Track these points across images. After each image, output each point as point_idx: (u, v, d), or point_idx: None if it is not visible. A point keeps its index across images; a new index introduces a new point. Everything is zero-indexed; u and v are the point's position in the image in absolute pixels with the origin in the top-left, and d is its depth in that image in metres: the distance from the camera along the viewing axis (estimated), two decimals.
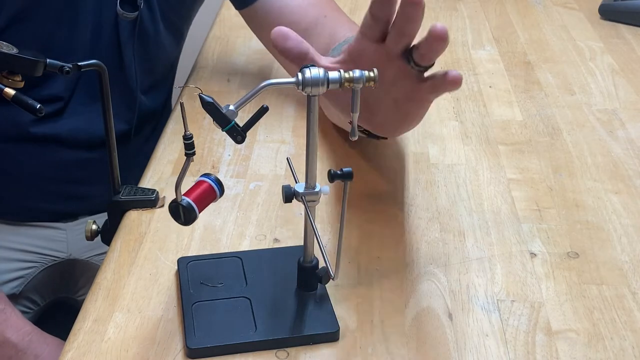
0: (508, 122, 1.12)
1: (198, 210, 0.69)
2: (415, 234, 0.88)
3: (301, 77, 0.66)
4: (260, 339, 0.71)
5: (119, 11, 1.06)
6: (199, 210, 0.69)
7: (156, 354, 0.71)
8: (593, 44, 1.38)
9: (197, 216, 0.69)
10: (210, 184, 0.70)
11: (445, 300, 0.78)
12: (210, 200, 0.71)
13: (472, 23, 1.47)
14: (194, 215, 0.69)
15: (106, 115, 0.85)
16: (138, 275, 0.81)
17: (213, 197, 0.71)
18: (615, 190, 0.97)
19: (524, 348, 0.73)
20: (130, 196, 0.91)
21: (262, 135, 1.06)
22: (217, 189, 0.71)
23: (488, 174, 0.99)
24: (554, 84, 1.23)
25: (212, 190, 0.70)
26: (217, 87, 1.20)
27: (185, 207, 0.69)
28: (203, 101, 0.65)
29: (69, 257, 1.20)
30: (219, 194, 0.71)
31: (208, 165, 1.00)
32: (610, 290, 0.80)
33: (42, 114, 0.77)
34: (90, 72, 0.82)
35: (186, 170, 0.68)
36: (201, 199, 0.70)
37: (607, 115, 1.14)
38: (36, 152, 1.12)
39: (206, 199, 0.70)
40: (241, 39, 1.32)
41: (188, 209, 0.69)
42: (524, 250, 0.86)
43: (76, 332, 0.74)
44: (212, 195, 0.71)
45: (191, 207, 0.69)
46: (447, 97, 1.18)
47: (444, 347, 0.73)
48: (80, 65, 0.80)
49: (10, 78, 0.78)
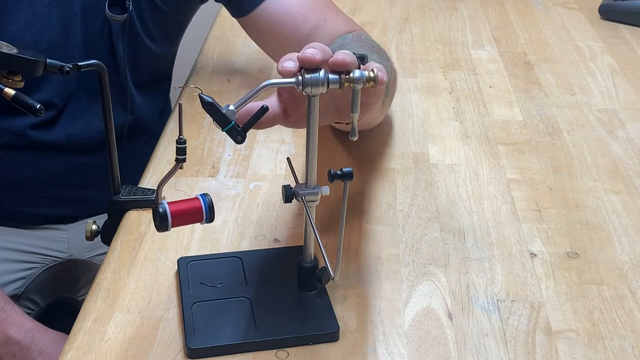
0: (508, 122, 1.12)
1: (172, 223, 0.68)
2: (415, 234, 0.88)
3: (301, 78, 0.66)
4: (260, 339, 0.71)
5: (108, 14, 1.06)
6: (174, 224, 0.68)
7: (156, 354, 0.71)
8: (593, 44, 1.38)
9: (168, 227, 0.68)
10: (200, 205, 0.69)
11: (445, 300, 0.78)
12: (193, 220, 0.69)
13: (472, 23, 1.47)
14: (165, 225, 0.68)
15: (106, 116, 0.85)
16: (138, 275, 0.81)
17: (197, 218, 0.69)
18: (615, 190, 0.97)
19: (524, 348, 0.73)
20: (130, 196, 0.91)
21: (262, 135, 1.06)
22: (205, 212, 0.69)
23: (488, 174, 0.99)
24: (554, 84, 1.23)
25: (199, 211, 0.69)
26: (217, 87, 1.20)
27: (160, 214, 0.68)
28: (203, 101, 0.65)
29: (70, 258, 1.20)
30: (205, 219, 0.69)
31: (208, 165, 1.00)
32: (610, 290, 0.80)
33: (42, 114, 0.77)
34: (85, 77, 0.81)
35: (172, 174, 0.67)
36: (182, 214, 0.69)
37: (607, 115, 1.14)
38: (34, 158, 1.12)
39: (188, 216, 0.69)
40: (241, 39, 1.32)
41: (162, 217, 0.68)
42: (524, 250, 0.86)
43: (76, 332, 0.74)
44: (197, 216, 0.69)
45: (165, 216, 0.68)
46: (447, 97, 1.18)
47: (444, 347, 0.73)
48: (80, 65, 0.80)
49: (10, 78, 0.78)
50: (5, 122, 1.09)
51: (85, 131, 1.12)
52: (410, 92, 1.20)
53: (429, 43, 1.38)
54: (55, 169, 1.14)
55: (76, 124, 1.12)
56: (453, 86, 1.22)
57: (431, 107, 1.16)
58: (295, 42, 1.05)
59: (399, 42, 1.38)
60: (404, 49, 1.35)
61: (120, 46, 1.10)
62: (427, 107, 1.15)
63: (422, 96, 1.19)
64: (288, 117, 0.75)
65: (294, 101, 0.74)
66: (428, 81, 1.24)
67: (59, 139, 1.12)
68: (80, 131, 1.12)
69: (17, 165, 1.13)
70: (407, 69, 1.28)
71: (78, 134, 1.12)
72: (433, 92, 1.20)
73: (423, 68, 1.28)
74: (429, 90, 1.21)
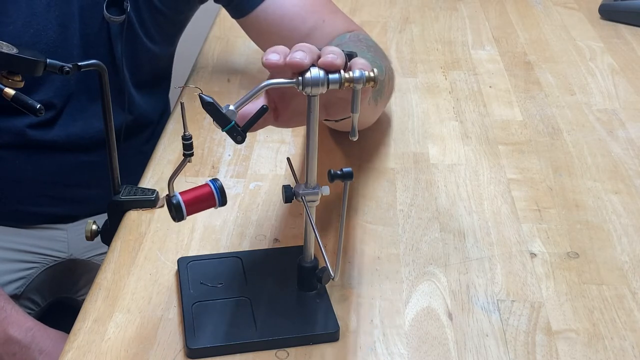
0: (508, 122, 1.12)
1: (186, 211, 0.69)
2: (415, 234, 0.88)
3: (301, 78, 0.66)
4: (260, 339, 0.71)
5: (106, 15, 1.06)
6: (188, 212, 0.69)
7: (156, 354, 0.71)
8: (593, 44, 1.38)
9: (184, 216, 0.69)
10: (211, 190, 0.70)
11: (445, 300, 0.78)
12: (206, 206, 0.70)
13: (472, 23, 1.47)
14: (180, 214, 0.69)
15: (106, 116, 0.85)
16: (138, 275, 0.81)
17: (211, 204, 0.70)
18: (615, 190, 0.97)
19: (524, 348, 0.73)
20: (130, 196, 0.91)
21: (262, 135, 1.06)
22: (217, 197, 0.70)
23: (488, 174, 0.99)
24: (554, 84, 1.23)
25: (211, 196, 0.69)
26: (217, 87, 1.20)
27: (174, 205, 0.68)
28: (203, 101, 0.65)
29: (70, 257, 1.21)
30: (218, 202, 0.70)
31: (208, 165, 1.00)
32: (610, 290, 0.80)
33: (42, 114, 0.77)
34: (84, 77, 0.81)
35: (181, 169, 0.68)
36: (195, 202, 0.69)
37: (607, 115, 1.14)
38: (33, 157, 1.12)
39: (201, 203, 0.69)
40: (241, 39, 1.32)
41: (176, 207, 0.68)
42: (524, 250, 0.86)
43: (76, 332, 0.74)
44: (210, 201, 0.70)
45: (179, 206, 0.68)
46: (447, 97, 1.18)
47: (444, 347, 0.73)
48: (80, 65, 0.80)
49: (10, 78, 0.78)
50: (5, 122, 1.09)
51: (84, 131, 1.12)
52: (410, 92, 1.20)
53: (429, 43, 1.38)
54: (54, 167, 1.14)
55: (76, 124, 1.12)
56: (453, 86, 1.22)
57: (431, 107, 1.16)
58: (294, 43, 1.05)
59: (399, 42, 1.38)
60: (404, 49, 1.35)
61: (119, 47, 1.10)
62: (427, 107, 1.15)
63: (422, 96, 1.19)
64: (278, 117, 0.75)
65: (283, 99, 0.74)
66: (428, 81, 1.24)
67: (58, 138, 1.12)
68: (80, 131, 1.12)
69: (16, 164, 1.13)
70: (407, 69, 1.28)
71: (77, 134, 1.12)
72: (433, 92, 1.20)
73: (423, 68, 1.28)
74: (429, 90, 1.21)
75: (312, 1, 1.09)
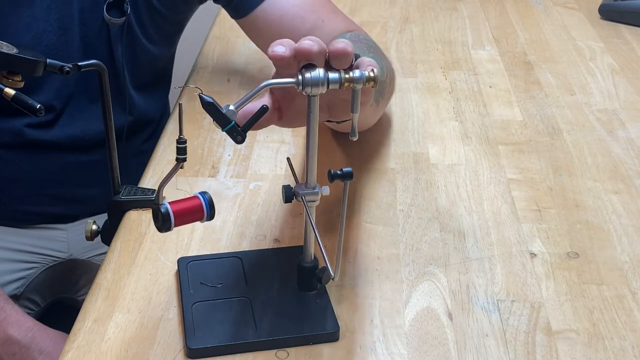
0: (508, 122, 1.12)
1: (174, 222, 0.68)
2: (415, 234, 0.88)
3: (301, 77, 0.66)
4: (260, 339, 0.71)
5: (106, 17, 1.06)
6: (177, 223, 0.68)
7: (156, 354, 0.71)
8: (593, 44, 1.38)
9: (171, 227, 0.68)
10: (201, 202, 0.69)
11: (445, 300, 0.78)
12: (194, 218, 0.69)
13: (472, 23, 1.47)
14: (167, 225, 0.68)
15: (106, 116, 0.85)
16: (138, 275, 0.81)
17: (199, 216, 0.69)
18: (615, 190, 0.97)
19: (524, 348, 0.73)
20: (130, 196, 0.91)
21: (262, 135, 1.06)
22: (205, 210, 0.69)
23: (488, 174, 0.99)
24: (554, 84, 1.23)
25: (200, 209, 0.69)
26: (217, 87, 1.20)
27: (162, 214, 0.68)
28: (203, 101, 0.65)
29: (70, 257, 1.21)
30: (206, 216, 0.69)
31: (208, 165, 1.00)
32: (610, 290, 0.80)
33: (42, 114, 0.77)
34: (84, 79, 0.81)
35: (173, 174, 0.67)
36: (183, 213, 0.69)
37: (607, 115, 1.14)
38: (33, 157, 1.12)
39: (189, 215, 0.69)
40: (241, 39, 1.32)
41: (164, 217, 0.68)
42: (524, 250, 0.86)
43: (76, 332, 0.74)
44: (198, 214, 0.69)
45: (168, 216, 0.68)
46: (447, 97, 1.18)
47: (444, 347, 0.73)
48: (80, 65, 0.80)
49: (10, 78, 0.78)
50: (5, 122, 1.09)
51: (84, 132, 1.12)
52: (410, 92, 1.20)
53: (429, 43, 1.38)
54: (54, 167, 1.14)
55: (75, 124, 1.12)
56: (453, 86, 1.22)
57: (431, 107, 1.16)
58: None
59: (399, 42, 1.38)
60: (404, 49, 1.35)
61: (119, 48, 1.10)
62: (427, 107, 1.15)
63: (422, 96, 1.19)
64: (282, 116, 0.75)
65: (286, 98, 0.74)
66: (428, 81, 1.24)
67: (58, 138, 1.12)
68: (80, 132, 1.12)
69: (16, 164, 1.13)
70: (407, 69, 1.28)
71: (77, 135, 1.12)
72: (433, 92, 1.20)
73: (423, 68, 1.28)
74: (429, 90, 1.21)
75: (311, 1, 1.09)
